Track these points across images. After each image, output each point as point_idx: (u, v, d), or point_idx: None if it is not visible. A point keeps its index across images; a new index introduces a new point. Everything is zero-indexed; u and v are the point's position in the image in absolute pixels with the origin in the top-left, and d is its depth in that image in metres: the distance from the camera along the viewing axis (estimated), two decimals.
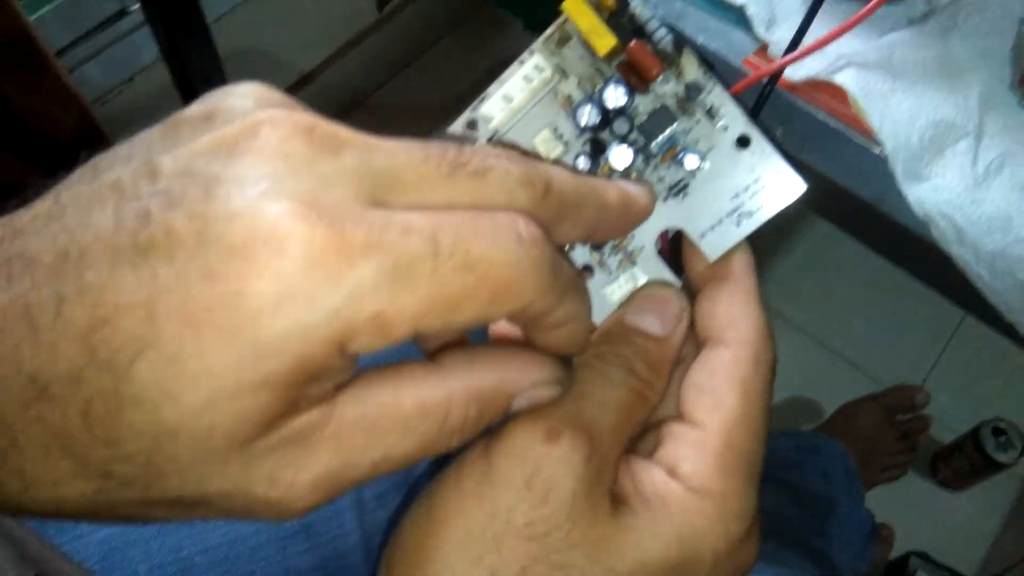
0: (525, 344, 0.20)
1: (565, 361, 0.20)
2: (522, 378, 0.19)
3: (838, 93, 0.37)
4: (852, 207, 0.40)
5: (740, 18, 0.39)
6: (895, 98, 0.37)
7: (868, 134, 0.37)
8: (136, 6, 0.99)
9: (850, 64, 0.37)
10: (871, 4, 0.36)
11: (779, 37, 0.38)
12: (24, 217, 0.16)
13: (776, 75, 0.37)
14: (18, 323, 0.15)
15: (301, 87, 1.30)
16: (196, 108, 0.17)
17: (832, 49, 0.37)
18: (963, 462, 1.08)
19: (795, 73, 0.38)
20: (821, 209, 0.42)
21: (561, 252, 0.20)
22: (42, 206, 0.16)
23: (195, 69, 0.94)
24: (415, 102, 1.47)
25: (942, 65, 0.38)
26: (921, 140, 0.36)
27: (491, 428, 0.20)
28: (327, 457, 0.16)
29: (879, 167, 0.37)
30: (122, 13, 0.99)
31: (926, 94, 0.37)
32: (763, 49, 0.39)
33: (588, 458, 0.20)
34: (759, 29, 0.38)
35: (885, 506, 1.04)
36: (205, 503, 0.16)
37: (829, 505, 0.83)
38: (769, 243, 1.30)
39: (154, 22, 0.91)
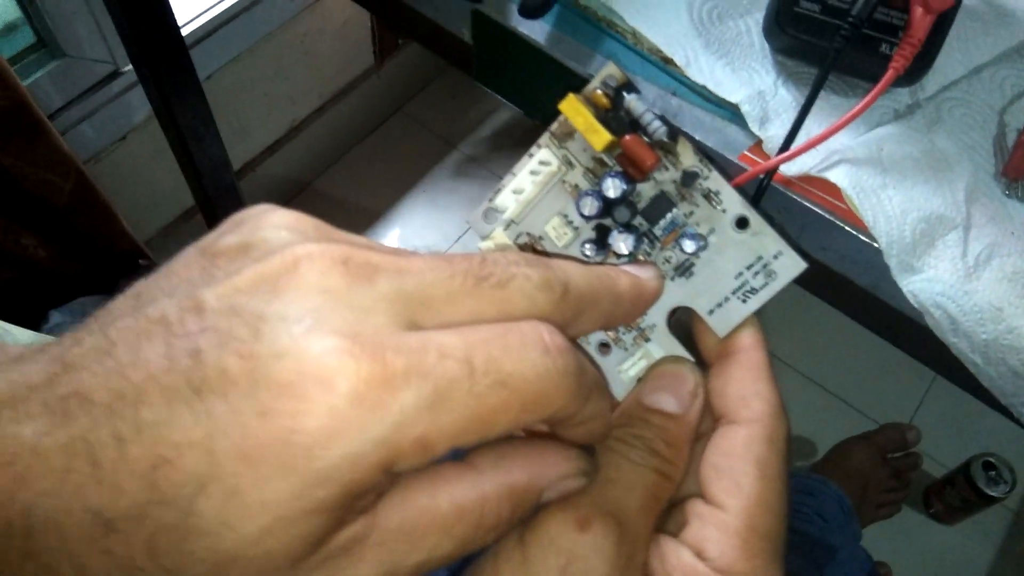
0: (550, 437, 0.21)
1: (588, 448, 0.21)
2: (551, 472, 0.20)
3: (831, 187, 0.39)
4: (848, 292, 0.41)
5: (735, 115, 0.41)
6: (886, 193, 0.38)
7: (861, 225, 0.38)
8: (128, 67, 1.00)
9: (842, 160, 0.39)
10: (860, 105, 0.38)
11: (773, 133, 0.40)
12: (74, 351, 0.16)
13: (771, 172, 0.39)
14: (81, 461, 0.15)
15: (292, 137, 1.31)
16: (231, 240, 0.18)
17: (823, 145, 0.39)
18: (955, 496, 1.10)
19: (789, 169, 0.39)
20: (818, 292, 0.43)
21: (580, 349, 0.21)
22: (91, 340, 0.17)
23: (188, 126, 0.95)
24: (405, 147, 1.48)
25: (929, 159, 0.40)
26: (913, 233, 0.38)
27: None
28: (373, 565, 0.17)
29: (873, 256, 0.38)
30: (115, 74, 1.00)
31: (915, 188, 0.39)
32: (758, 144, 0.40)
33: (619, 543, 0.21)
34: (753, 126, 0.40)
35: (880, 541, 1.05)
36: None
37: (828, 549, 0.84)
38: None
39: (147, 82, 0.92)
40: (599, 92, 0.23)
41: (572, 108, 0.23)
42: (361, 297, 0.17)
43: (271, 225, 0.18)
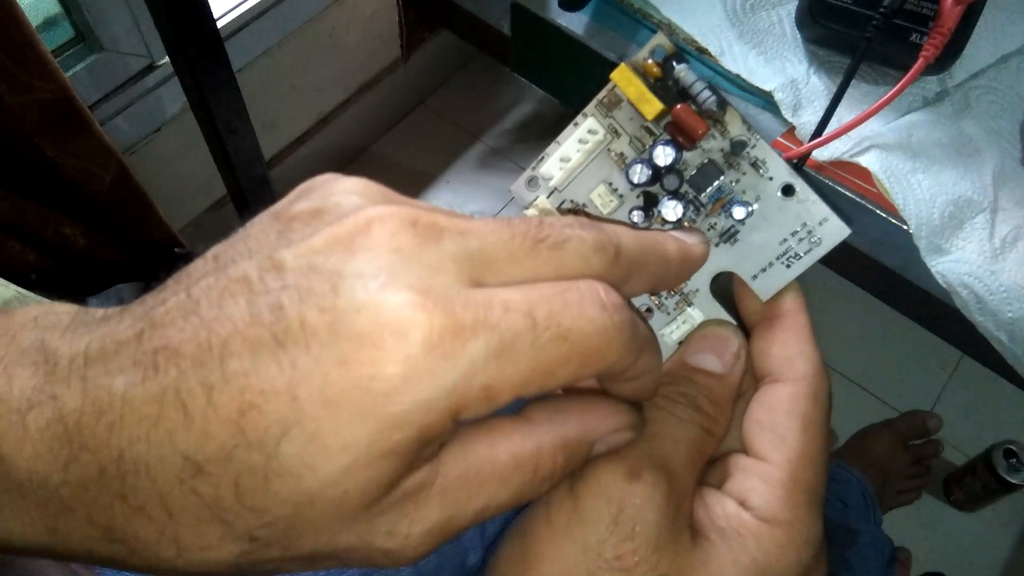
0: (601, 392, 0.22)
1: (636, 404, 0.22)
2: (602, 426, 0.21)
3: (862, 172, 0.40)
4: (878, 273, 0.43)
5: (768, 103, 0.42)
6: (916, 178, 0.39)
7: (891, 208, 0.40)
8: (163, 61, 1.02)
9: (873, 146, 0.40)
10: (891, 93, 0.39)
11: (806, 120, 0.41)
12: (159, 310, 0.18)
13: (805, 157, 0.40)
14: (171, 409, 0.16)
15: (319, 129, 1.33)
16: (304, 205, 0.19)
17: (855, 131, 0.40)
18: (976, 484, 1.10)
19: (822, 154, 0.41)
20: (848, 273, 0.45)
21: (634, 308, 0.22)
22: (175, 299, 0.18)
23: (223, 118, 0.97)
24: (429, 138, 1.50)
25: (958, 144, 0.41)
26: (942, 216, 0.39)
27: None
28: (436, 510, 0.19)
29: (902, 239, 0.40)
30: (150, 68, 1.02)
31: (944, 173, 0.40)
32: (791, 131, 0.42)
33: (668, 493, 0.22)
34: (787, 113, 0.41)
35: (901, 528, 1.06)
36: (334, 556, 0.19)
37: (849, 533, 0.85)
38: None
39: (184, 75, 0.94)
40: (650, 62, 0.24)
41: (624, 77, 0.24)
42: (430, 256, 0.18)
43: (341, 191, 0.19)
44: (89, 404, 0.17)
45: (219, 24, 1.04)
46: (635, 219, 0.25)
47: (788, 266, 0.24)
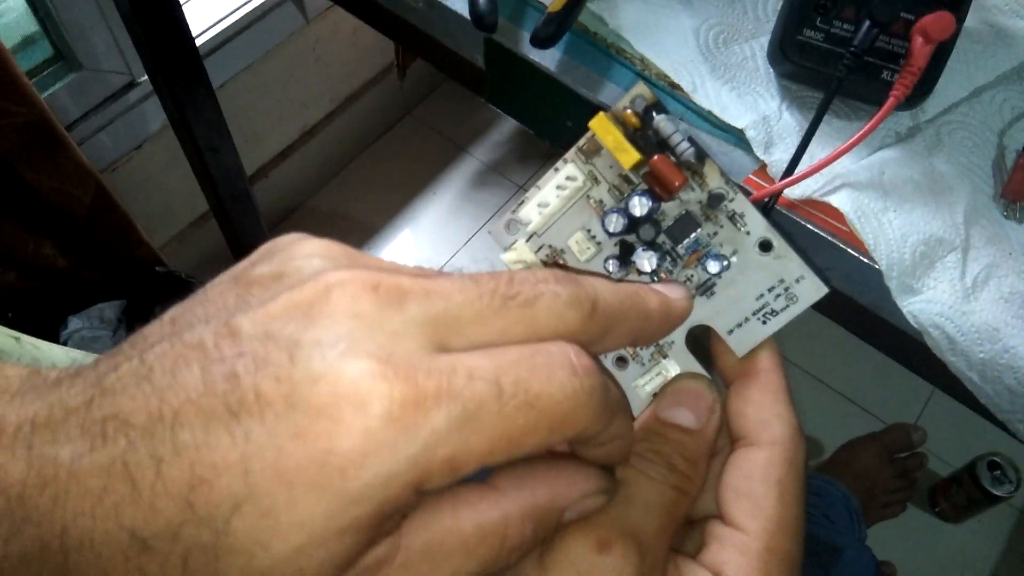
0: (570, 456, 0.21)
1: (607, 467, 0.22)
2: (572, 492, 0.20)
3: (834, 210, 0.40)
4: (851, 311, 0.43)
5: (741, 139, 0.42)
6: (887, 216, 0.39)
7: (863, 248, 0.40)
8: (143, 78, 1.01)
9: (844, 184, 0.40)
10: (862, 132, 0.39)
11: (777, 158, 0.41)
12: (111, 376, 0.17)
13: (775, 196, 0.40)
14: (118, 483, 0.16)
15: (304, 142, 1.33)
16: (264, 269, 0.19)
17: (826, 168, 0.40)
18: (961, 496, 1.11)
19: (793, 192, 0.40)
20: (823, 310, 0.45)
21: (604, 370, 0.21)
22: (127, 365, 0.17)
23: (203, 136, 0.97)
24: (414, 150, 1.50)
25: (930, 181, 0.41)
26: (913, 256, 0.39)
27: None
28: None
29: (875, 277, 0.40)
30: (130, 85, 1.01)
31: (916, 211, 0.40)
32: (763, 168, 0.42)
33: (638, 566, 0.21)
34: (758, 151, 0.41)
35: (886, 539, 1.06)
36: None
37: (834, 551, 0.86)
38: None
39: (163, 93, 0.93)
40: (629, 112, 0.24)
41: (602, 126, 0.24)
42: (392, 321, 0.17)
43: (303, 254, 0.19)
44: (33, 475, 0.16)
45: (199, 41, 1.03)
46: (611, 268, 0.25)
47: (764, 322, 0.24)
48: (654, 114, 0.24)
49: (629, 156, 0.23)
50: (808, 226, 0.41)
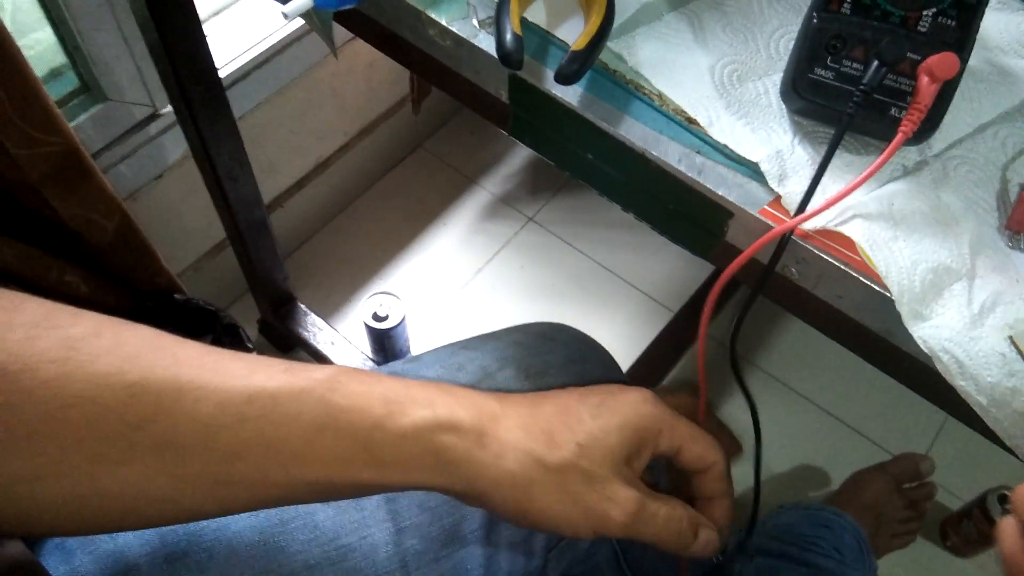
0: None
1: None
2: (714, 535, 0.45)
3: (847, 240, 0.42)
4: (863, 337, 0.44)
5: (755, 171, 0.44)
6: (897, 245, 0.41)
7: (875, 275, 0.41)
8: (166, 109, 1.04)
9: (856, 215, 0.42)
10: (872, 168, 0.41)
11: (791, 189, 0.43)
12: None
13: (791, 230, 0.42)
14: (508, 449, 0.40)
15: (319, 173, 1.35)
16: None
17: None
18: (971, 529, 1.11)
19: (807, 224, 0.42)
20: (836, 336, 0.46)
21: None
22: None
23: (224, 166, 0.99)
24: (425, 182, 1.52)
25: (937, 213, 0.43)
26: (922, 284, 0.40)
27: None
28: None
29: (886, 304, 0.41)
30: (153, 116, 1.04)
31: (924, 241, 0.42)
32: (778, 199, 0.44)
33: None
34: (773, 183, 0.43)
35: (896, 573, 1.06)
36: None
37: None
38: (776, 314, 1.34)
39: (187, 124, 0.96)
40: None
41: None
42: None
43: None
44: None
45: (221, 74, 1.06)
46: None
47: None
48: None
49: None
50: (822, 256, 0.43)
